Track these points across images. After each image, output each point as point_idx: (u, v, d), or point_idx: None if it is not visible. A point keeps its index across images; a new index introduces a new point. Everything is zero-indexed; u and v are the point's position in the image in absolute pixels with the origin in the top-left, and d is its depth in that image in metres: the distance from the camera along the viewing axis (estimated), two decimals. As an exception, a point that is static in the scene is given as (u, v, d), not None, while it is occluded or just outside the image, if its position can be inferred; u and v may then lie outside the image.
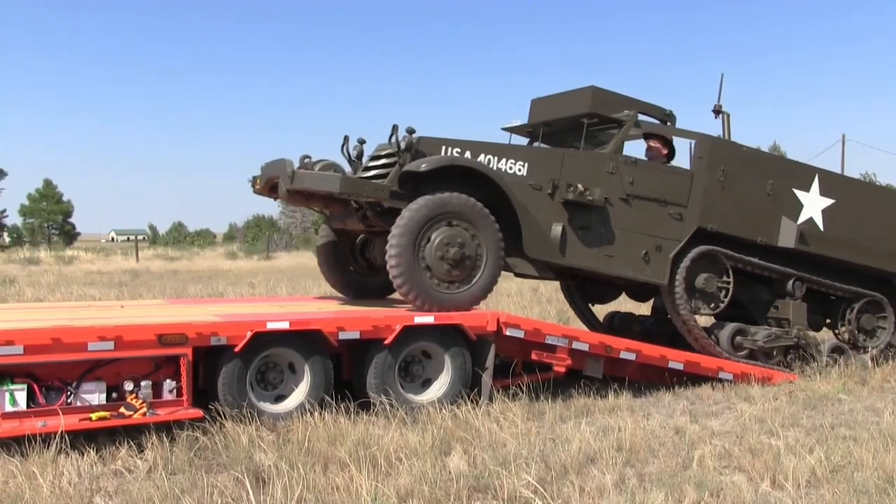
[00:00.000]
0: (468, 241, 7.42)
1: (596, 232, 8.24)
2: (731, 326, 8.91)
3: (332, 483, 5.00)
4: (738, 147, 8.96)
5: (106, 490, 5.02)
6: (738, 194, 8.74)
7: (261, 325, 6.48)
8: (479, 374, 7.35)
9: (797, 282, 9.12)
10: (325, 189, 7.27)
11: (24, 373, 5.81)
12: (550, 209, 8.04)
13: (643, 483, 5.28)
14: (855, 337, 9.63)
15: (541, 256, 8.04)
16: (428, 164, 7.31)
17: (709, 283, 8.63)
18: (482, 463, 5.55)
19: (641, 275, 8.45)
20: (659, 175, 8.55)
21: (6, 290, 17.65)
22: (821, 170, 9.39)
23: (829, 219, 9.21)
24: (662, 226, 8.49)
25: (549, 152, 8.39)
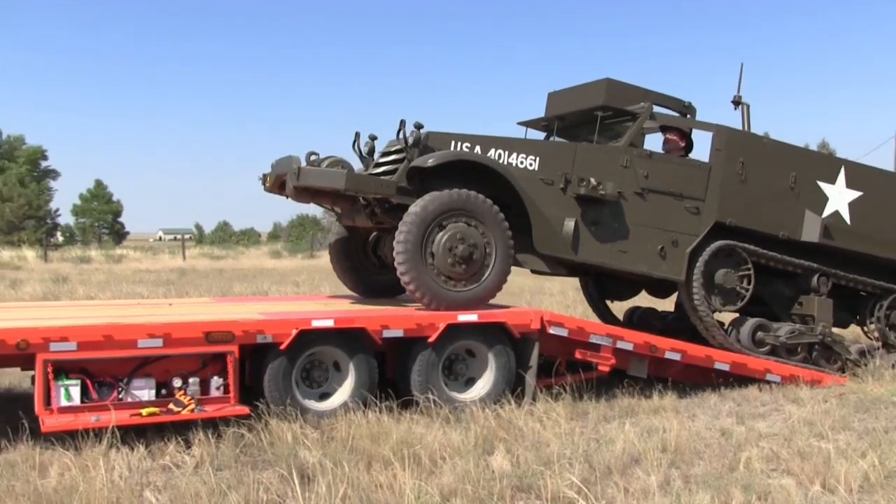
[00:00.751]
0: (477, 237, 7.35)
1: (609, 227, 8.10)
2: (752, 322, 8.68)
3: (375, 481, 5.03)
4: (758, 139, 8.76)
5: (155, 484, 5.11)
6: (759, 187, 8.52)
7: (306, 324, 6.55)
8: (523, 374, 7.34)
9: (822, 277, 8.88)
10: (330, 186, 7.22)
11: (78, 368, 5.93)
12: (562, 204, 7.93)
13: (688, 485, 5.23)
14: (885, 334, 9.38)
15: (552, 252, 7.92)
16: (435, 159, 7.25)
17: (728, 279, 8.45)
18: (525, 463, 5.54)
19: (657, 271, 8.30)
20: (675, 168, 8.38)
21: (59, 287, 18.01)
22: (847, 161, 9.13)
23: (856, 212, 8.94)
24: (679, 220, 8.31)
25: (561, 146, 8.30)
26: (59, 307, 8.64)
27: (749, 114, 9.04)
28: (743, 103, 9.03)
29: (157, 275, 23.84)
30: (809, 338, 8.75)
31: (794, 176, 8.65)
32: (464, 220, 7.31)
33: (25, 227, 58.40)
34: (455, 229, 7.25)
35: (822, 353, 8.89)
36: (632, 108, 8.47)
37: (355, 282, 9.11)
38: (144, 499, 4.81)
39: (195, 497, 4.71)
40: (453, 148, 7.60)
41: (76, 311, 7.37)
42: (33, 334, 5.77)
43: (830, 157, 9.14)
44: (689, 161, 8.61)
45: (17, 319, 6.42)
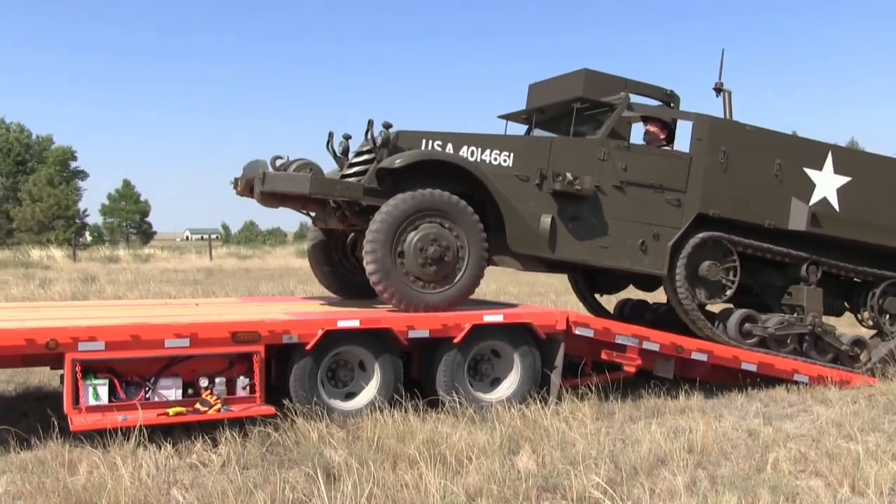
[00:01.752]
0: (449, 238, 7.18)
1: (588, 223, 7.90)
2: (738, 313, 8.46)
3: (401, 480, 5.04)
4: (741, 126, 8.47)
5: (182, 483, 5.14)
6: (742, 176, 8.30)
7: (332, 324, 6.57)
8: (548, 374, 7.32)
9: (811, 266, 8.66)
10: (295, 190, 7.10)
11: (106, 368, 5.99)
12: (539, 201, 7.73)
13: (715, 486, 5.20)
14: (879, 322, 9.17)
15: (528, 251, 7.73)
16: (403, 159, 7.08)
17: (713, 271, 8.23)
18: (551, 462, 5.53)
19: (638, 265, 8.10)
20: (654, 160, 8.16)
21: (88, 287, 18.20)
22: (835, 146, 8.89)
23: (844, 198, 8.70)
24: (660, 213, 8.11)
25: (536, 141, 8.12)
26: (88, 307, 8.72)
27: (731, 101, 8.82)
28: (725, 90, 8.81)
29: (185, 274, 24.03)
30: (799, 328, 8.55)
31: (779, 163, 8.45)
32: (435, 221, 7.15)
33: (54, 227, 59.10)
34: (426, 230, 7.09)
35: (813, 345, 8.68)
36: (609, 98, 8.26)
37: (335, 284, 8.98)
38: (172, 497, 4.85)
39: (222, 496, 4.74)
40: (424, 147, 7.42)
41: (104, 311, 7.43)
42: (62, 334, 5.84)
43: (816, 142, 8.87)
44: (669, 152, 8.38)
45: (47, 319, 6.49)
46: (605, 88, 8.33)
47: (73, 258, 35.05)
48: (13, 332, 5.78)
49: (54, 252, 36.63)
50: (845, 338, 8.85)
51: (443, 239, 7.13)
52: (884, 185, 8.93)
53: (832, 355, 8.75)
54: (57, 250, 38.27)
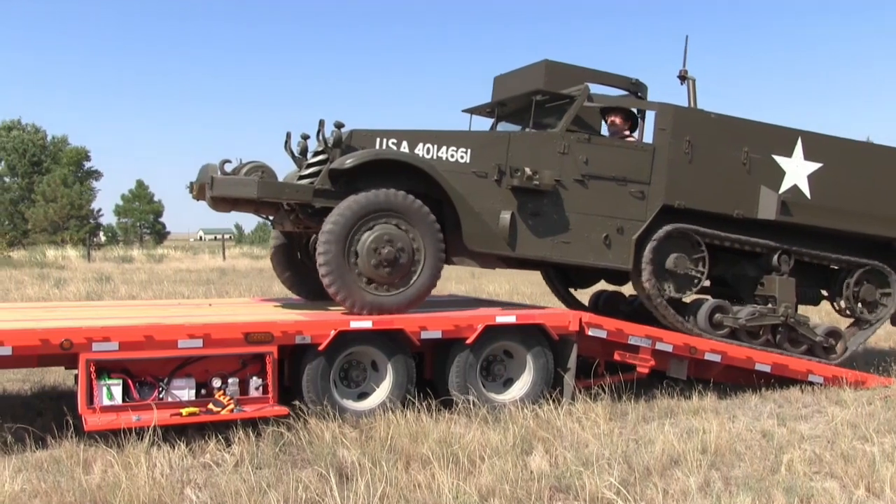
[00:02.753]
0: (404, 239, 7.01)
1: (549, 218, 7.69)
2: (708, 303, 8.24)
3: (413, 480, 5.04)
4: (705, 115, 8.21)
5: (196, 482, 5.17)
6: (709, 166, 8.08)
7: (344, 324, 6.59)
8: (561, 374, 7.31)
9: (783, 255, 8.44)
10: (242, 195, 6.95)
11: (120, 368, 6.02)
12: (498, 197, 7.52)
13: (729, 487, 5.18)
14: (854, 309, 8.93)
15: (486, 249, 7.53)
16: (353, 159, 6.92)
17: (680, 264, 8.02)
18: (564, 463, 5.52)
19: (603, 260, 7.90)
20: (616, 152, 7.93)
21: (102, 287, 18.29)
22: (804, 132, 8.55)
23: (816, 185, 8.45)
24: (623, 206, 7.89)
25: (494, 136, 7.94)
26: (102, 307, 8.76)
27: (695, 89, 8.61)
28: (689, 78, 8.62)
29: (198, 274, 24.12)
30: (771, 319, 8.34)
31: (747, 151, 8.21)
32: (390, 222, 6.99)
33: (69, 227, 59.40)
34: (380, 231, 6.93)
35: (787, 336, 8.48)
36: (569, 90, 8.03)
37: (298, 286, 8.82)
38: (185, 496, 4.87)
39: (235, 495, 4.76)
40: (378, 145, 7.25)
41: (118, 312, 7.47)
42: (76, 334, 5.87)
43: (785, 128, 8.57)
44: (632, 143, 8.17)
45: (61, 319, 6.53)
46: (567, 79, 8.13)
47: (88, 258, 35.23)
48: (29, 333, 5.82)
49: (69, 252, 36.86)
50: (820, 329, 8.66)
51: (397, 240, 6.97)
52: (856, 170, 8.69)
53: (806, 347, 8.56)
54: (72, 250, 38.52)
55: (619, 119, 8.42)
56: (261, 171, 7.19)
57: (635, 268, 7.98)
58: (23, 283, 18.84)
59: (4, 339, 5.71)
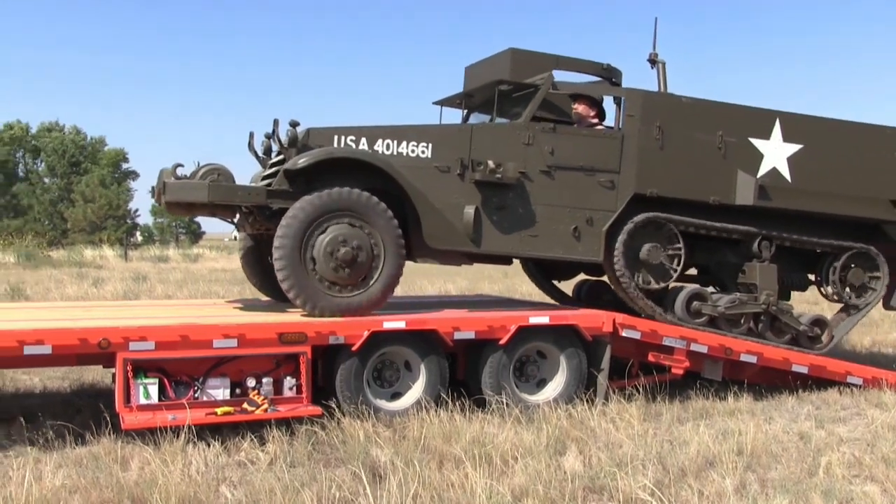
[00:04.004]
0: (362, 239, 6.83)
1: (515, 212, 7.47)
2: (686, 291, 7.99)
3: (447, 480, 5.04)
4: (676, 99, 7.94)
5: (231, 480, 5.21)
6: (681, 152, 7.81)
7: (377, 325, 6.60)
8: (595, 374, 7.27)
9: (763, 241, 8.16)
10: (194, 199, 6.82)
11: (156, 367, 6.08)
12: (461, 192, 7.32)
13: (765, 489, 5.13)
14: (841, 294, 8.59)
15: (448, 246, 7.32)
16: (306, 159, 6.80)
17: (654, 254, 7.77)
18: (598, 463, 5.50)
19: (572, 253, 7.67)
20: (583, 141, 7.68)
21: (139, 286, 18.50)
22: (783, 113, 8.23)
23: (796, 167, 8.15)
24: (592, 197, 7.65)
25: (455, 129, 7.62)
26: (138, 307, 8.87)
27: (665, 73, 8.33)
28: (659, 62, 8.33)
29: (233, 274, 24.25)
30: (752, 307, 8.08)
31: (721, 135, 7.92)
32: (347, 221, 6.81)
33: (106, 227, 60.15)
34: (336, 232, 6.75)
35: (769, 325, 8.23)
36: (533, 79, 7.81)
37: (267, 287, 8.62)
38: (220, 494, 4.91)
39: (269, 493, 4.79)
40: (336, 143, 7.09)
41: (154, 311, 7.55)
42: (114, 334, 5.95)
43: (763, 110, 8.13)
44: (599, 131, 7.93)
45: (99, 319, 6.62)
46: (534, 67, 7.93)
47: (125, 258, 35.67)
48: (68, 332, 5.91)
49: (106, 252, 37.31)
50: (804, 318, 8.39)
51: (354, 240, 6.79)
52: (839, 150, 8.35)
53: (790, 336, 8.29)
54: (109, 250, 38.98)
55: (583, 106, 8.14)
56: (216, 174, 7.03)
57: (608, 260, 7.75)
58: (62, 283, 19.11)
59: (45, 338, 5.81)
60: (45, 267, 28.00)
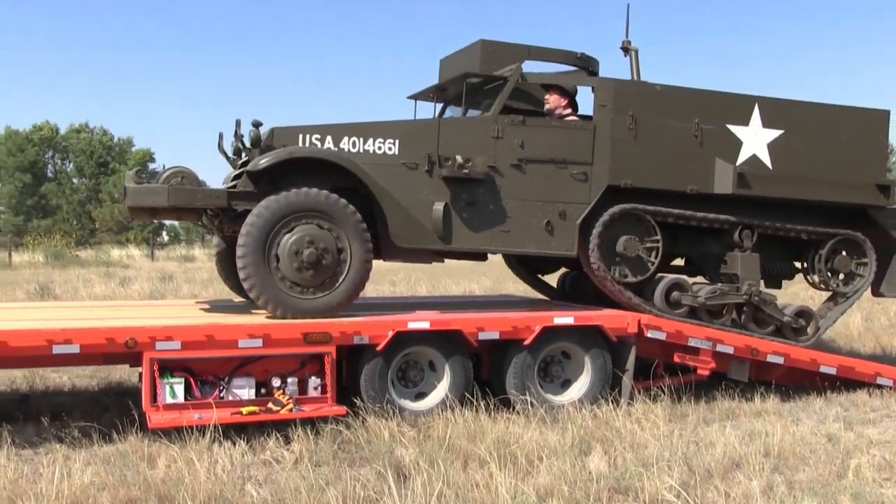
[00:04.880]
0: (326, 239, 6.72)
1: (485, 207, 7.31)
2: (665, 281, 7.77)
3: (471, 480, 5.04)
4: (649, 87, 7.74)
5: (256, 479, 5.24)
6: (656, 141, 7.60)
7: (402, 325, 6.61)
8: (620, 374, 7.24)
9: (745, 230, 7.93)
10: (154, 204, 6.72)
11: (182, 367, 6.14)
12: (430, 188, 7.17)
13: (793, 491, 5.08)
14: (828, 282, 8.35)
15: (416, 244, 7.19)
16: (267, 160, 6.69)
17: (631, 246, 7.59)
18: (623, 464, 5.48)
19: (546, 248, 7.49)
20: (554, 132, 7.50)
21: (165, 285, 18.64)
22: (762, 98, 7.98)
23: (777, 154, 7.90)
24: (564, 189, 7.46)
25: (422, 124, 7.46)
26: (164, 307, 8.95)
27: (638, 60, 8.18)
28: (632, 49, 8.20)
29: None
30: (734, 298, 7.85)
31: (698, 123, 7.70)
32: (311, 222, 6.70)
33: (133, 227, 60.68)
34: (301, 233, 6.64)
35: (752, 316, 7.98)
36: (501, 71, 7.67)
37: (242, 288, 8.18)
38: (246, 492, 4.94)
39: (294, 492, 4.81)
40: (301, 142, 6.98)
41: (179, 311, 7.61)
42: (141, 333, 6.00)
43: (740, 96, 7.91)
44: (570, 122, 7.75)
45: (126, 318, 6.68)
46: (505, 59, 7.77)
47: (151, 257, 35.96)
48: (95, 332, 5.97)
49: (133, 251, 37.66)
50: (789, 309, 8.12)
51: (319, 241, 6.68)
52: (820, 135, 8.10)
53: (773, 327, 8.09)
54: (135, 249, 39.34)
55: (555, 97, 8.00)
56: (180, 177, 6.97)
57: (583, 253, 7.59)
58: (90, 282, 19.30)
59: (73, 337, 5.87)
60: (74, 266, 28.33)
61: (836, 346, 10.91)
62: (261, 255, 6.61)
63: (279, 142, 6.96)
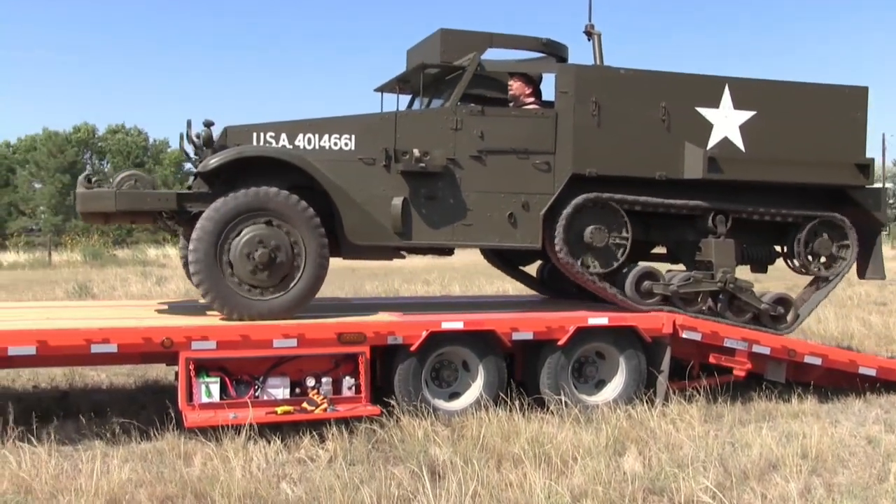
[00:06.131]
0: (279, 238, 6.61)
1: (445, 202, 7.13)
2: (635, 270, 7.54)
3: (505, 479, 5.04)
4: (613, 71, 7.47)
5: (291, 477, 5.28)
6: (621, 127, 7.35)
7: (436, 325, 6.62)
8: (656, 374, 7.19)
9: (718, 216, 7.66)
10: (102, 209, 6.66)
11: (217, 367, 6.20)
12: (388, 184, 7.02)
13: (832, 494, 5.01)
14: (808, 266, 8.06)
15: (373, 241, 7.06)
16: (217, 159, 6.58)
17: (598, 236, 7.35)
18: (658, 465, 5.44)
19: (509, 241, 7.31)
20: (514, 122, 7.28)
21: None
22: (732, 78, 7.69)
23: (750, 136, 7.63)
24: (527, 180, 7.25)
25: (378, 118, 7.21)
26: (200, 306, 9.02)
27: (601, 45, 7.93)
28: (595, 33, 7.94)
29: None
30: (708, 286, 7.61)
31: (665, 106, 7.45)
32: (263, 221, 6.60)
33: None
34: (252, 233, 6.54)
35: (728, 304, 7.74)
36: (460, 61, 7.45)
37: None
38: (281, 490, 4.97)
39: (329, 490, 4.84)
40: (255, 141, 6.88)
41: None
42: (177, 333, 6.08)
43: (709, 77, 7.66)
44: (530, 111, 7.53)
45: (162, 318, 6.76)
46: (467, 47, 7.54)
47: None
48: (132, 331, 6.06)
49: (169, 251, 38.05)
50: (767, 296, 7.88)
51: (270, 240, 6.57)
52: (795, 115, 7.80)
53: (751, 315, 7.85)
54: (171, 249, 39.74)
55: (518, 84, 7.82)
56: (134, 180, 6.86)
57: (550, 245, 7.38)
58: (127, 281, 19.56)
59: (110, 337, 5.96)
60: (111, 265, 28.74)
61: (872, 346, 10.74)
62: (212, 258, 6.52)
63: (233, 141, 6.88)
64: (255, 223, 6.59)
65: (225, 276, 6.57)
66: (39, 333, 5.91)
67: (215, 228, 6.52)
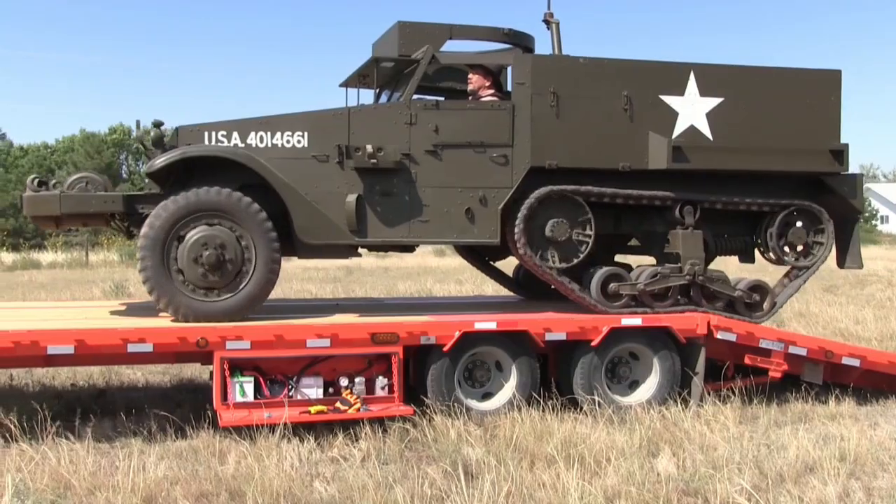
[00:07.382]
0: (226, 238, 6.54)
1: (401, 198, 7.00)
2: (599, 273, 7.31)
3: (538, 480, 5.03)
4: (571, 61, 7.27)
5: (324, 476, 5.30)
6: (581, 118, 7.15)
7: (469, 326, 6.62)
8: (691, 375, 7.12)
9: (686, 206, 7.42)
10: (47, 212, 6.60)
11: (252, 366, 6.26)
12: (342, 181, 6.91)
13: (871, 498, 4.95)
14: (781, 256, 7.78)
15: (325, 240, 6.94)
16: (163, 160, 6.54)
17: (559, 230, 7.12)
18: (692, 466, 5.40)
19: (467, 236, 7.16)
20: (469, 115, 7.13)
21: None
22: (697, 65, 7.46)
23: (717, 123, 7.38)
24: (484, 174, 7.09)
25: (331, 115, 7.08)
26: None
27: (559, 34, 7.75)
28: (553, 22, 7.80)
29: (325, 272, 24.67)
30: (676, 280, 7.37)
31: (627, 95, 7.24)
32: (210, 223, 6.54)
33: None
34: (199, 235, 6.49)
35: (699, 295, 7.47)
36: (415, 55, 7.30)
37: None
38: (314, 489, 5.00)
39: (362, 489, 4.86)
40: (207, 140, 6.81)
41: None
42: (211, 333, 6.14)
43: (673, 64, 7.44)
44: (485, 103, 7.35)
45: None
46: (425, 40, 7.37)
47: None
48: (168, 331, 6.14)
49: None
50: (742, 283, 7.62)
51: (216, 240, 6.51)
52: (766, 100, 7.54)
53: (723, 303, 7.59)
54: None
55: (477, 77, 7.67)
56: (85, 182, 6.83)
57: (510, 240, 7.21)
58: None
59: (147, 336, 6.04)
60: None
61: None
62: (159, 259, 6.48)
63: (184, 141, 6.84)
64: (203, 224, 6.55)
65: (174, 280, 6.52)
66: (78, 333, 6.00)
67: (160, 231, 6.48)
